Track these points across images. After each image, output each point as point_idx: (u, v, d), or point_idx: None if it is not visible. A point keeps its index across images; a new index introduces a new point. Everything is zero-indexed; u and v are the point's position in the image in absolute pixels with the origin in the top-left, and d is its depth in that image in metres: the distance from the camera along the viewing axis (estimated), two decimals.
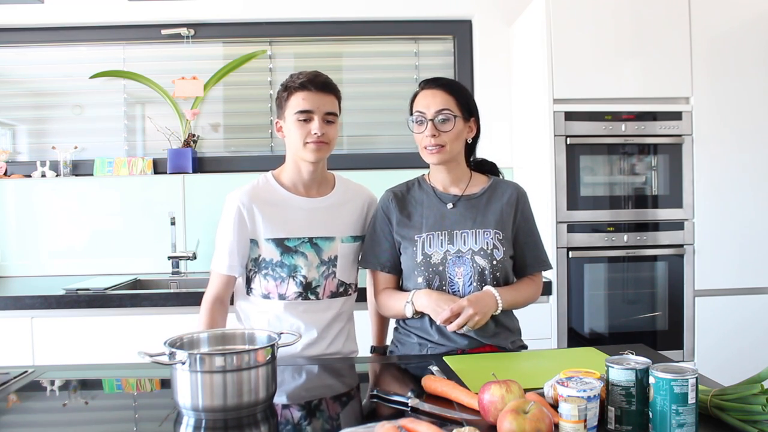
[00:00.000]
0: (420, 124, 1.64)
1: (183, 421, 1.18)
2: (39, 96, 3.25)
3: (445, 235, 1.66)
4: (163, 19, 3.13)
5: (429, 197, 1.72)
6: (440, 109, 1.62)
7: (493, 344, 1.64)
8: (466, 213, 1.68)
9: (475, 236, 1.65)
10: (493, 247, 1.63)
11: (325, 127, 1.67)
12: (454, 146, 1.64)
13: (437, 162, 1.66)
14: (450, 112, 1.62)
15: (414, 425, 1.01)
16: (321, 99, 1.67)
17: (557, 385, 1.07)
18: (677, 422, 1.01)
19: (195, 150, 3.14)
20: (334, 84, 1.73)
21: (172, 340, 1.28)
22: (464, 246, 1.64)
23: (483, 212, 1.68)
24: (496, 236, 1.65)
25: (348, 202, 1.79)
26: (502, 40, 3.19)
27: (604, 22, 2.65)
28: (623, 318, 2.70)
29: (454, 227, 1.66)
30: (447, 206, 1.69)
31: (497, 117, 3.20)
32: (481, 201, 1.70)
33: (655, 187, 2.71)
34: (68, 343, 2.44)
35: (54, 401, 1.41)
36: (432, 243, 1.65)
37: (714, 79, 2.69)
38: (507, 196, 1.71)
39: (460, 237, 1.65)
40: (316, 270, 1.71)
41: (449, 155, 1.65)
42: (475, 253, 1.63)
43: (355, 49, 3.31)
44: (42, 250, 3.09)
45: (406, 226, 1.70)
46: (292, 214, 1.71)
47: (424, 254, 1.65)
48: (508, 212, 1.69)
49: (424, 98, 1.65)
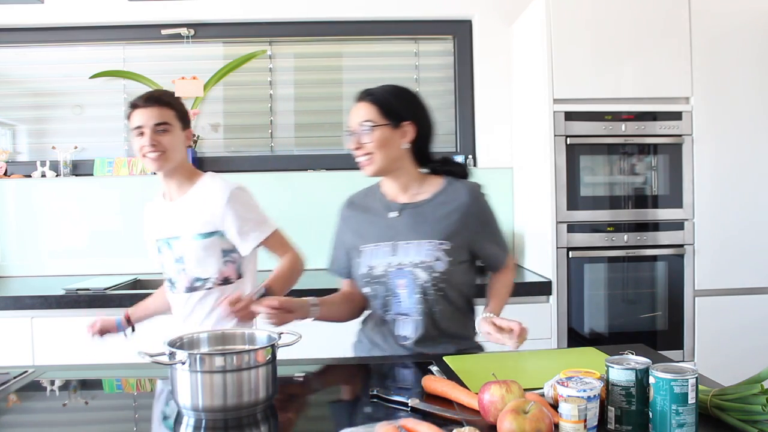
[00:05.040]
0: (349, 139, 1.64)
1: (183, 421, 1.18)
2: (39, 96, 3.25)
3: (389, 247, 1.63)
4: (163, 19, 3.13)
5: (378, 206, 1.70)
6: (361, 121, 1.61)
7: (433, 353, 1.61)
8: (411, 222, 1.63)
9: (418, 248, 1.60)
10: (435, 259, 1.58)
11: (156, 137, 1.77)
12: (384, 155, 1.60)
13: (370, 174, 1.63)
14: (370, 122, 1.59)
15: (414, 425, 1.02)
16: (149, 113, 1.78)
17: (557, 385, 1.07)
18: (677, 422, 1.01)
19: (195, 150, 3.14)
20: (167, 97, 1.83)
21: (172, 340, 1.28)
22: (406, 258, 1.60)
23: (429, 221, 1.62)
24: (440, 247, 1.59)
25: (199, 201, 1.82)
26: (502, 40, 3.19)
27: (604, 22, 2.65)
28: (623, 318, 2.70)
29: (398, 238, 1.62)
30: (391, 215, 1.66)
31: (497, 117, 3.20)
32: (429, 208, 1.64)
33: (655, 187, 2.71)
34: (68, 343, 2.44)
35: (54, 401, 1.41)
36: (376, 254, 1.64)
37: (714, 79, 2.69)
38: (458, 201, 1.63)
39: (403, 248, 1.61)
40: (173, 267, 1.86)
41: (381, 165, 1.61)
42: (416, 265, 1.59)
43: (355, 49, 3.31)
44: (42, 250, 3.09)
45: (356, 235, 1.70)
46: (159, 218, 1.90)
47: (367, 266, 1.64)
48: (459, 219, 1.62)
49: (352, 112, 1.65)
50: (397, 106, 1.64)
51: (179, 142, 1.82)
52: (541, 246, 2.75)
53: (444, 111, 3.32)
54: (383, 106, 1.62)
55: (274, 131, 3.27)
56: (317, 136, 3.29)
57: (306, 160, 3.24)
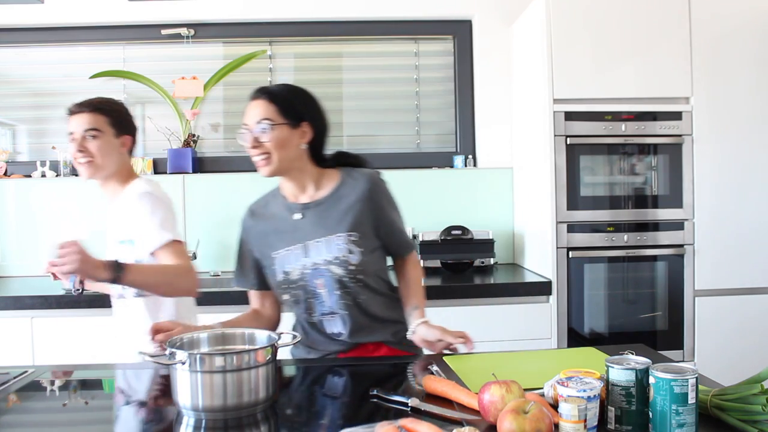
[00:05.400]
0: (244, 138, 1.60)
1: (183, 421, 1.18)
2: (39, 96, 3.25)
3: (300, 249, 1.61)
4: (163, 19, 3.13)
5: (280, 210, 1.67)
6: (259, 119, 1.57)
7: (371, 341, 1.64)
8: (317, 220, 1.62)
9: (328, 244, 1.59)
10: (348, 252, 1.58)
11: (84, 144, 1.77)
12: (282, 155, 1.57)
13: (268, 174, 1.59)
14: (269, 121, 1.56)
15: (414, 425, 1.02)
16: (79, 119, 1.78)
17: (557, 385, 1.07)
18: (677, 422, 1.01)
19: (195, 150, 3.14)
20: (102, 104, 1.81)
21: (172, 340, 1.28)
22: (319, 257, 1.59)
23: (334, 216, 1.61)
24: (349, 239, 1.58)
25: (121, 208, 1.81)
26: (502, 40, 3.19)
27: (604, 22, 2.65)
28: (623, 318, 2.70)
29: (307, 238, 1.61)
30: (296, 217, 1.64)
31: (497, 117, 3.20)
32: (331, 203, 1.62)
33: (655, 187, 2.71)
34: (68, 343, 2.44)
35: (54, 401, 1.41)
36: (289, 259, 1.62)
37: (714, 79, 2.69)
38: (358, 191, 1.62)
39: (314, 248, 1.60)
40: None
41: (279, 165, 1.58)
42: (330, 262, 1.58)
43: (355, 49, 3.31)
44: (42, 250, 3.08)
45: (263, 244, 1.67)
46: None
47: (283, 272, 1.63)
48: (361, 209, 1.61)
49: (248, 110, 1.60)
50: (296, 105, 1.63)
51: (110, 148, 1.79)
52: (541, 246, 2.75)
53: (444, 111, 3.33)
54: (282, 105, 1.60)
55: None
56: None
57: None
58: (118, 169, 1.83)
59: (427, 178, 3.17)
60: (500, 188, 3.19)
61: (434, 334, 1.56)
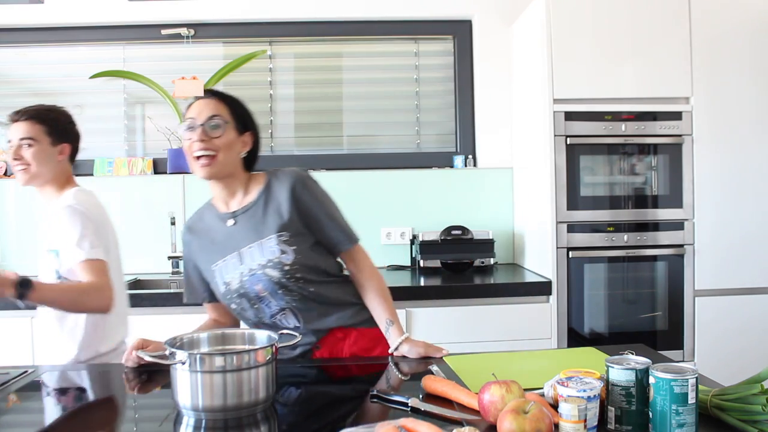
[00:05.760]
0: (190, 130, 1.56)
1: (183, 421, 1.18)
2: (39, 96, 3.24)
3: (236, 257, 1.60)
4: (163, 19, 3.13)
5: (214, 221, 1.67)
6: (212, 114, 1.56)
7: (333, 327, 1.64)
8: (248, 226, 1.61)
9: (260, 248, 1.58)
10: (281, 253, 1.56)
11: (19, 152, 1.79)
12: (226, 157, 1.56)
13: (208, 176, 1.57)
14: (221, 118, 1.56)
15: (414, 425, 1.02)
16: (17, 128, 1.81)
17: (557, 385, 1.07)
18: (677, 422, 1.01)
19: None
20: (38, 113, 1.83)
21: (172, 340, 1.28)
22: (253, 262, 1.58)
23: (263, 219, 1.60)
24: (280, 239, 1.57)
25: (52, 216, 1.81)
26: (502, 40, 3.19)
27: (604, 22, 2.65)
28: (623, 318, 2.70)
29: (240, 245, 1.60)
30: (229, 224, 1.63)
31: (497, 117, 3.20)
32: (259, 206, 1.61)
33: (655, 187, 2.71)
34: None
35: (54, 401, 1.41)
36: (227, 269, 1.62)
37: (714, 79, 2.69)
38: (284, 190, 1.60)
39: (248, 254, 1.59)
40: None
41: (221, 167, 1.56)
42: (264, 266, 1.57)
43: (355, 49, 3.31)
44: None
45: (203, 258, 1.68)
46: None
47: (224, 283, 1.62)
48: (289, 208, 1.59)
49: (197, 106, 1.59)
50: (245, 114, 1.65)
51: (45, 157, 1.80)
52: (541, 246, 2.75)
53: (444, 111, 3.33)
54: (236, 109, 1.62)
55: (274, 131, 3.27)
56: (317, 136, 3.29)
57: (306, 160, 3.24)
58: (55, 176, 1.84)
59: (427, 178, 3.18)
60: (500, 188, 3.19)
61: (418, 352, 1.58)
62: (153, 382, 1.48)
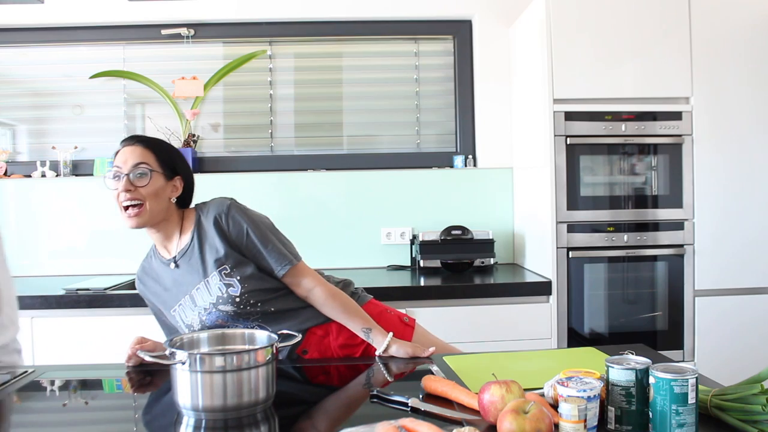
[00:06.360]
0: (116, 180, 1.54)
1: (183, 421, 1.18)
2: (39, 96, 3.25)
3: (188, 300, 1.60)
4: (163, 19, 3.13)
5: (159, 269, 1.67)
6: (137, 163, 1.54)
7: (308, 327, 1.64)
8: (189, 268, 1.60)
9: (207, 287, 1.58)
10: (227, 288, 1.56)
11: None
12: (154, 205, 1.55)
13: (136, 226, 1.55)
14: (147, 166, 1.55)
15: (414, 425, 1.02)
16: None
17: (557, 385, 1.07)
18: (677, 422, 1.01)
19: (195, 150, 3.14)
20: None
21: (172, 340, 1.28)
22: (205, 302, 1.58)
23: (200, 258, 1.59)
24: (222, 273, 1.57)
25: None
26: (502, 41, 3.19)
27: (604, 22, 2.65)
28: (623, 318, 2.70)
29: (189, 288, 1.60)
30: (172, 268, 1.63)
31: (497, 117, 3.20)
32: (194, 247, 1.60)
33: (655, 187, 2.71)
34: (68, 343, 2.44)
35: (54, 401, 1.41)
36: (184, 312, 1.62)
37: (714, 79, 2.69)
38: (210, 226, 1.60)
39: (198, 295, 1.59)
40: None
41: (150, 216, 1.55)
42: (216, 304, 1.57)
43: (355, 49, 3.31)
44: (42, 250, 3.09)
45: (161, 303, 1.68)
46: None
47: (185, 326, 1.62)
48: (220, 241, 1.58)
49: (122, 154, 1.57)
50: (173, 158, 1.63)
51: None
52: (541, 246, 2.75)
53: (444, 111, 3.33)
54: (161, 155, 1.60)
55: (274, 131, 3.27)
56: (317, 136, 3.29)
57: (306, 160, 3.24)
58: None
59: (427, 178, 3.18)
60: (500, 188, 3.19)
61: (406, 352, 1.58)
62: (153, 382, 1.48)
